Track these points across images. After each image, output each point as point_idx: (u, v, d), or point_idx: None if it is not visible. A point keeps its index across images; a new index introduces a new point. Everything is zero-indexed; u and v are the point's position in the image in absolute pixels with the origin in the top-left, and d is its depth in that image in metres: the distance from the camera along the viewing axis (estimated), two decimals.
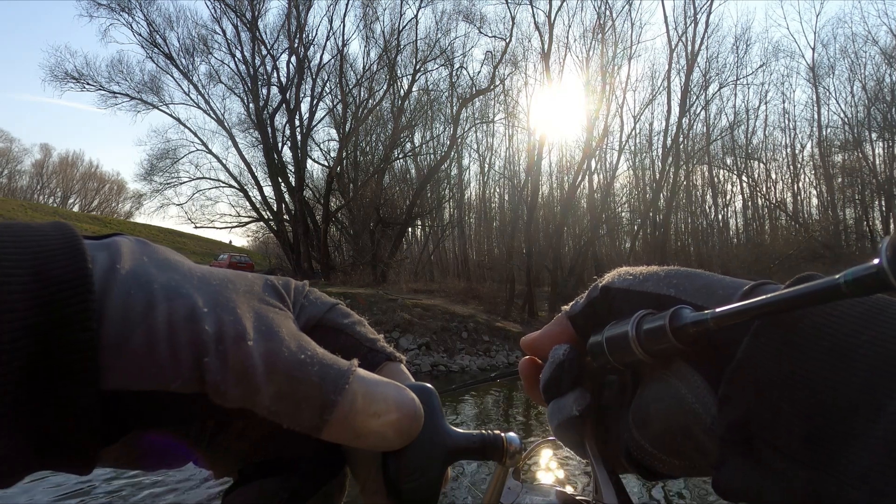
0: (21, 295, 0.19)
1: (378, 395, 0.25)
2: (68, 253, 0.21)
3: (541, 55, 23.41)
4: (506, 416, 9.86)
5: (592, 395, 0.30)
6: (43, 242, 0.21)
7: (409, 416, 0.26)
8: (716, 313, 0.22)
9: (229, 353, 0.22)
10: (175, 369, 0.21)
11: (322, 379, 0.23)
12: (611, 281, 0.30)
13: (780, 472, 0.21)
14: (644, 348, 0.25)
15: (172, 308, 0.22)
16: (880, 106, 27.36)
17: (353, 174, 27.19)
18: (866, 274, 0.16)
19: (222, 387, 0.22)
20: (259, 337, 0.23)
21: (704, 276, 0.27)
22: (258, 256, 36.02)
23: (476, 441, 0.30)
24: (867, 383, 0.19)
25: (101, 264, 0.22)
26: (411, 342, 14.59)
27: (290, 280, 0.29)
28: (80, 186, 67.53)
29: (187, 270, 0.25)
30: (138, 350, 0.21)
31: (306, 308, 0.29)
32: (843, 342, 0.20)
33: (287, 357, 0.23)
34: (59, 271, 0.20)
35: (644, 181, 31.18)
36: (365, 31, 26.84)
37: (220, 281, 0.25)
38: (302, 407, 0.23)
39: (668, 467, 0.27)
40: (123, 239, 0.25)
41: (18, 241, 0.21)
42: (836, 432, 0.19)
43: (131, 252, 0.24)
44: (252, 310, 0.24)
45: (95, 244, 0.23)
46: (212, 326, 0.22)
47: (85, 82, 24.50)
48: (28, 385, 0.19)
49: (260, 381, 0.22)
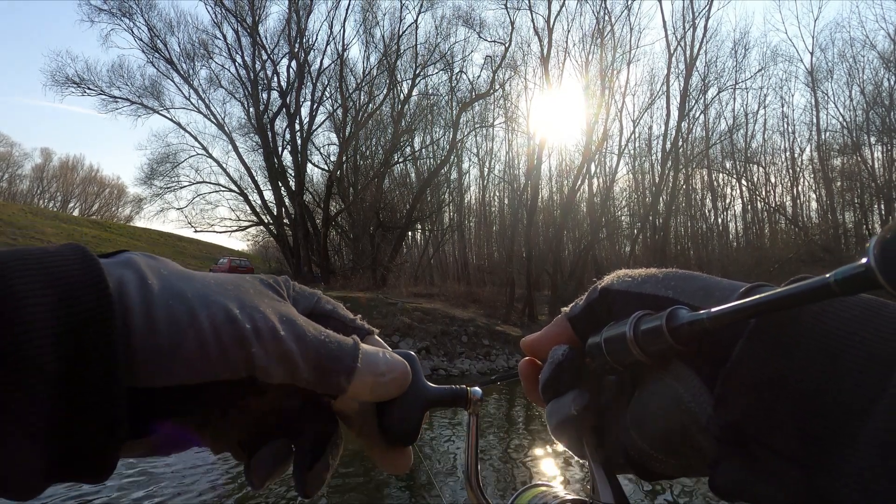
0: (48, 321, 0.21)
1: (380, 360, 0.31)
2: (89, 277, 0.23)
3: (540, 59, 23.50)
4: (504, 416, 9.85)
5: (591, 395, 0.30)
6: (64, 267, 0.23)
7: (403, 374, 0.32)
8: (711, 313, 0.22)
9: (269, 343, 0.26)
10: (225, 362, 0.25)
11: (342, 351, 0.29)
12: (610, 283, 0.30)
13: (775, 472, 0.21)
14: (642, 348, 0.25)
15: (211, 313, 0.26)
16: (879, 110, 27.45)
17: (353, 178, 27.24)
18: (855, 273, 0.17)
19: (270, 369, 0.26)
20: (285, 326, 0.28)
21: (702, 278, 0.28)
22: (258, 260, 36.01)
23: (448, 393, 0.36)
24: (859, 384, 0.20)
25: (132, 282, 0.25)
26: (411, 346, 14.57)
27: (282, 278, 0.33)
28: (81, 190, 67.57)
29: (202, 279, 0.28)
30: (192, 350, 0.24)
31: (299, 301, 0.33)
32: (836, 343, 0.21)
33: (312, 338, 0.28)
34: (81, 296, 0.22)
35: (644, 185, 31.26)
36: (365, 35, 26.99)
37: (233, 285, 0.29)
38: (331, 375, 0.29)
39: (666, 467, 0.27)
40: (135, 255, 0.27)
41: (41, 267, 0.22)
42: (829, 432, 0.20)
43: (150, 267, 0.27)
44: (269, 306, 0.29)
45: (113, 262, 0.26)
46: (248, 323, 0.26)
47: (86, 87, 24.64)
48: (57, 403, 0.21)
49: (297, 359, 0.27)
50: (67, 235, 34.91)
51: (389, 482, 5.81)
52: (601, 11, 24.68)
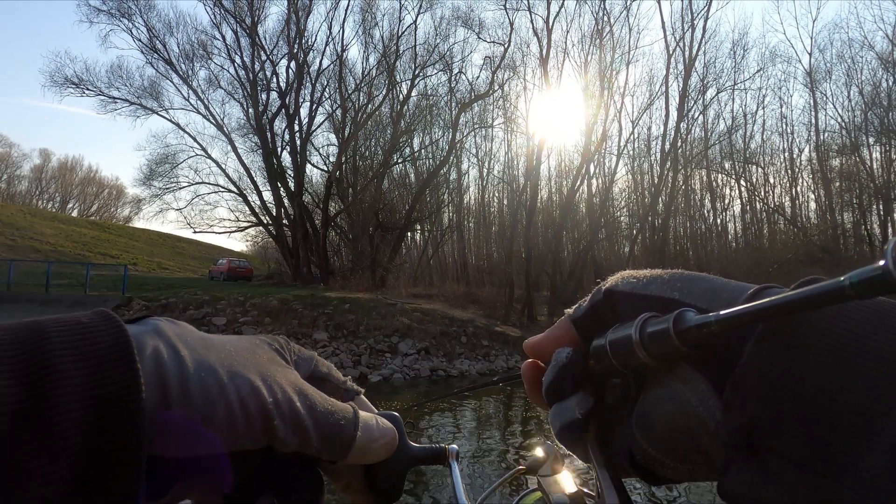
0: (80, 396, 0.22)
1: (374, 427, 0.34)
2: (119, 352, 0.24)
3: (539, 60, 23.53)
4: (506, 418, 9.84)
5: (595, 398, 0.30)
6: (95, 341, 0.24)
7: (392, 439, 0.36)
8: (720, 316, 0.22)
9: (287, 415, 0.29)
10: (250, 433, 0.28)
11: (345, 421, 0.32)
12: (614, 284, 0.30)
13: (785, 478, 0.21)
14: (648, 351, 0.25)
15: (237, 385, 0.28)
16: (877, 110, 27.50)
17: (353, 179, 27.23)
18: (872, 276, 0.16)
19: (287, 440, 0.29)
20: (300, 397, 0.30)
21: (708, 279, 0.27)
22: (257, 261, 35.98)
23: (428, 452, 0.39)
24: (873, 388, 0.19)
25: (167, 353, 0.27)
26: (410, 347, 14.55)
27: (282, 339, 0.36)
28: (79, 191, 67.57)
29: (221, 346, 0.30)
30: (222, 423, 0.26)
31: (300, 364, 0.35)
32: (848, 346, 0.20)
33: (321, 410, 0.31)
34: (112, 369, 0.23)
35: (643, 185, 31.29)
36: (364, 36, 26.99)
37: (250, 352, 0.31)
38: (336, 444, 0.31)
39: (671, 471, 0.27)
40: (161, 323, 0.30)
41: (73, 340, 0.23)
42: (841, 438, 0.19)
43: (177, 336, 0.29)
44: (284, 376, 0.31)
45: (143, 331, 0.28)
46: (270, 396, 0.28)
47: (84, 87, 24.58)
48: (79, 471, 0.21)
49: (310, 430, 0.30)
50: (66, 236, 34.86)
51: None
52: (600, 12, 24.73)
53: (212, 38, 25.70)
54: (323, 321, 14.75)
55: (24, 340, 0.22)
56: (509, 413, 10.27)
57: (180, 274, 32.66)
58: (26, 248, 29.00)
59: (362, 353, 13.87)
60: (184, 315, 14.23)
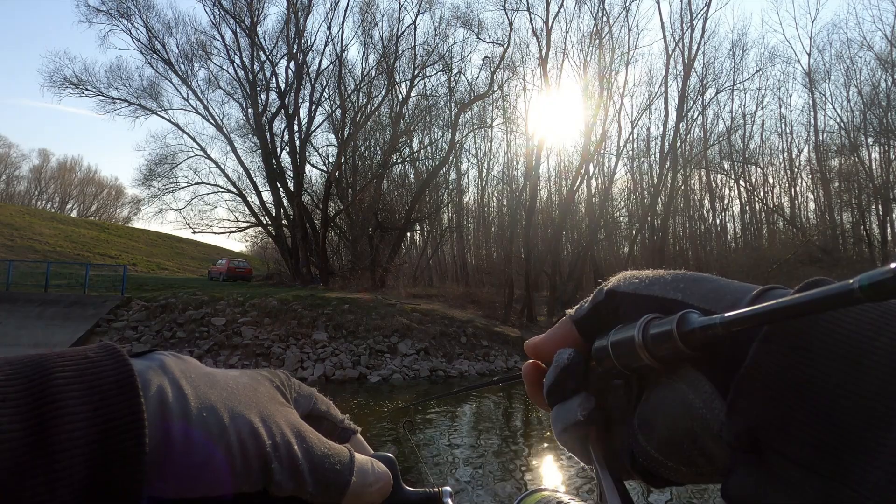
0: (84, 432, 0.22)
1: (368, 471, 0.34)
2: (123, 389, 0.24)
3: (539, 61, 23.54)
4: (505, 419, 9.83)
5: (597, 399, 0.29)
6: (100, 376, 0.24)
7: (387, 484, 0.35)
8: (725, 318, 0.21)
9: (285, 459, 0.28)
10: (248, 475, 0.27)
11: (341, 465, 0.31)
12: (616, 284, 0.30)
13: (790, 481, 0.20)
14: (651, 353, 0.24)
15: (238, 426, 0.27)
16: (876, 110, 27.53)
17: (352, 179, 27.23)
18: (883, 279, 0.16)
19: (283, 484, 0.28)
20: (298, 440, 0.30)
21: (712, 280, 0.27)
22: (256, 261, 35.97)
23: (422, 496, 0.39)
24: (881, 391, 0.19)
25: (171, 392, 0.26)
26: (410, 347, 14.55)
27: (282, 375, 0.35)
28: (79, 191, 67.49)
29: (225, 383, 0.30)
30: (220, 466, 0.26)
31: (300, 402, 0.35)
32: (855, 348, 0.20)
33: (318, 453, 0.30)
34: (117, 412, 0.23)
35: (642, 186, 31.31)
36: (363, 36, 27.01)
37: (251, 389, 0.31)
38: (331, 488, 0.31)
39: (674, 474, 0.26)
40: (167, 358, 0.29)
41: (79, 375, 0.23)
42: (848, 441, 0.19)
43: (182, 373, 0.28)
44: (283, 416, 0.31)
45: (148, 367, 0.27)
46: (269, 439, 0.28)
47: (84, 88, 24.53)
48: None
49: (306, 475, 0.29)
50: (65, 236, 34.83)
51: None
52: (599, 13, 24.76)
53: (211, 38, 25.71)
54: (322, 321, 14.74)
55: (30, 375, 0.22)
56: (509, 413, 10.26)
57: (179, 274, 32.62)
58: (25, 248, 28.97)
59: (362, 353, 13.87)
60: (183, 315, 14.23)
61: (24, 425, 0.21)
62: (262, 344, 13.48)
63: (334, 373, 12.88)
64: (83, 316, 13.95)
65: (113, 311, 14.34)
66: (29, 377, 0.22)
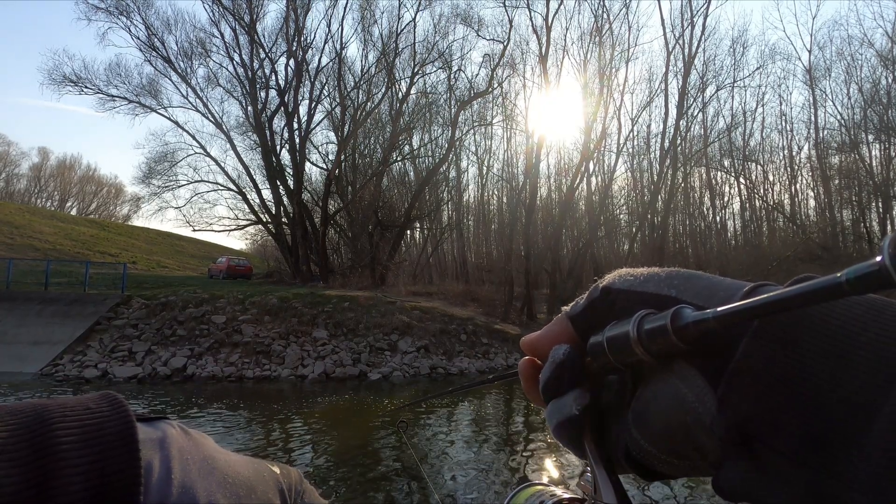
0: (82, 485, 0.22)
1: None
2: (124, 446, 0.24)
3: (539, 58, 23.48)
4: (502, 416, 9.85)
5: (592, 395, 0.30)
6: (102, 430, 0.24)
7: None
8: (717, 312, 0.22)
9: None
10: None
11: None
12: (611, 282, 0.30)
13: (780, 474, 0.21)
14: (645, 348, 0.25)
15: None
16: (877, 108, 27.48)
17: (352, 177, 27.21)
18: (868, 271, 0.16)
19: None
20: None
21: (705, 277, 0.27)
22: (256, 259, 35.96)
23: None
24: (866, 385, 0.19)
25: (158, 475, 0.26)
26: (410, 345, 14.57)
27: (296, 475, 0.34)
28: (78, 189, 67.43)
29: (222, 476, 0.29)
30: None
31: None
32: (842, 343, 0.20)
33: None
34: (116, 466, 0.23)
35: (642, 183, 31.30)
36: (363, 34, 26.96)
37: (248, 488, 0.30)
38: None
39: (668, 467, 0.27)
40: (172, 430, 0.29)
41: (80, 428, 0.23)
42: (835, 434, 0.19)
43: (180, 453, 0.28)
44: None
45: (147, 436, 0.27)
46: None
47: (83, 85, 24.49)
48: None
49: None
50: (65, 234, 34.82)
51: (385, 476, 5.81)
52: (599, 10, 24.70)
53: (210, 35, 25.66)
54: (322, 319, 14.76)
55: (30, 426, 0.23)
56: (508, 411, 10.28)
57: (179, 272, 32.62)
58: (25, 246, 28.95)
59: (362, 351, 13.89)
60: (183, 313, 14.24)
61: (21, 478, 0.21)
62: (262, 342, 13.50)
63: (334, 370, 12.91)
64: (83, 314, 13.97)
65: (113, 309, 14.36)
66: (30, 427, 0.23)
